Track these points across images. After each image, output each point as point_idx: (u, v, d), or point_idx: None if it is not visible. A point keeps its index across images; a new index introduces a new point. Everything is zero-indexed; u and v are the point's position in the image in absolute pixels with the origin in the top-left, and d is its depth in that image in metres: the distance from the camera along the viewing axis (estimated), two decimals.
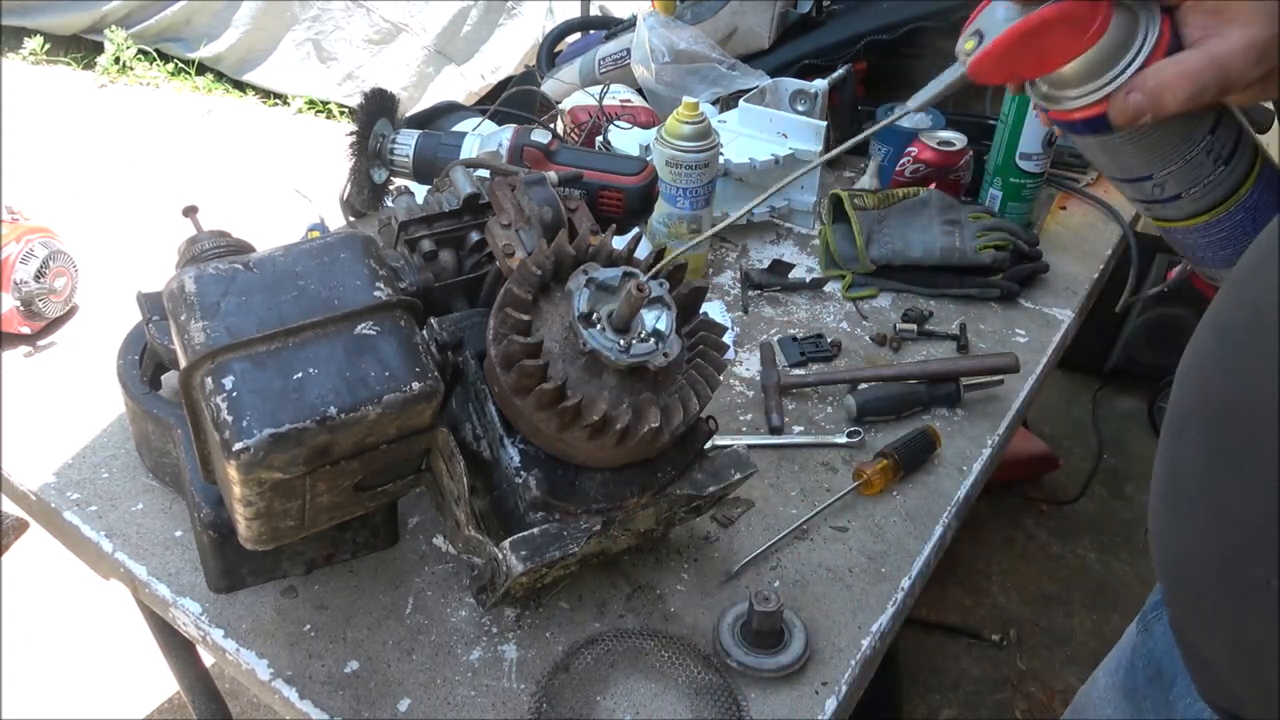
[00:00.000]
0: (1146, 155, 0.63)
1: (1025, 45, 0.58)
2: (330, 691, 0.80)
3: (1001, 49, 0.58)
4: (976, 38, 0.59)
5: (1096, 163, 0.67)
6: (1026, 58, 0.59)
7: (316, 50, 3.71)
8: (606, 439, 0.74)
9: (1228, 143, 0.62)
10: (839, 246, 1.35)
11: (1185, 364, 0.56)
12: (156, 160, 3.34)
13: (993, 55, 0.59)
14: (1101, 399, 2.65)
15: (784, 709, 0.81)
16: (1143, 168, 0.64)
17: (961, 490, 1.03)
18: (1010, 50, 0.58)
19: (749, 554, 0.93)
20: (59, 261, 1.30)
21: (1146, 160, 0.63)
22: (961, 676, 1.98)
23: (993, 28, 0.58)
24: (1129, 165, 0.65)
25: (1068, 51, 0.59)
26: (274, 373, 0.67)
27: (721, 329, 0.84)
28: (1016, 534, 2.30)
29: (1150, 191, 0.65)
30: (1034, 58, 0.59)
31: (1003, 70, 0.60)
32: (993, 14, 0.59)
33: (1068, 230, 1.49)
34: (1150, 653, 0.76)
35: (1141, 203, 0.67)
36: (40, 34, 3.94)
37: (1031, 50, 0.59)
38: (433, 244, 0.90)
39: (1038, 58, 0.59)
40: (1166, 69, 0.58)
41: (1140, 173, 0.64)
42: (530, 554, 0.73)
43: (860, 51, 1.61)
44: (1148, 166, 0.64)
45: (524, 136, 1.14)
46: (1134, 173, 0.65)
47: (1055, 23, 0.57)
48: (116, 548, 0.92)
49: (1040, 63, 0.60)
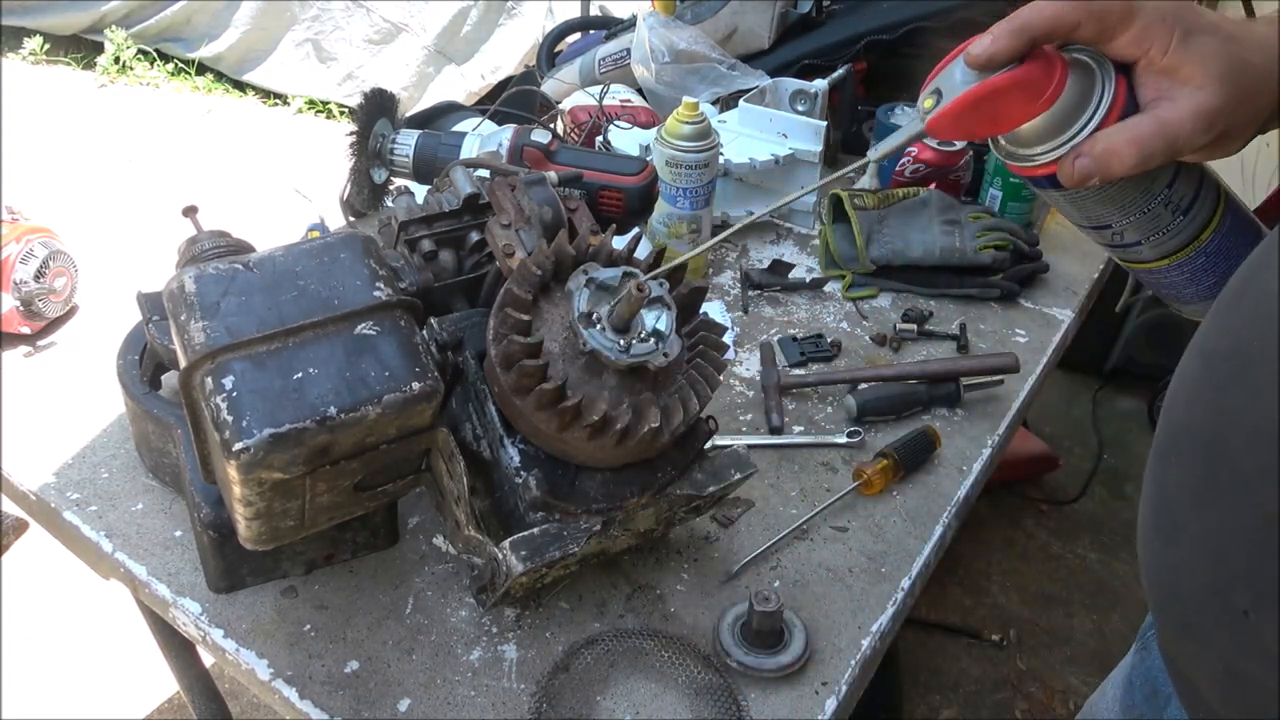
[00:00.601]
0: (1105, 207, 0.65)
1: (980, 109, 0.60)
2: (330, 691, 0.80)
3: (957, 111, 0.60)
4: (935, 96, 0.61)
5: (1062, 211, 0.69)
6: (981, 120, 0.61)
7: (316, 50, 3.71)
8: (606, 439, 0.74)
9: (1186, 194, 0.64)
10: (839, 246, 1.35)
11: (1172, 389, 0.56)
12: (156, 160, 3.34)
13: (949, 116, 0.60)
14: (1101, 399, 2.65)
15: (784, 709, 0.81)
16: (1104, 218, 0.66)
17: (961, 490, 1.03)
18: (966, 112, 0.60)
19: (749, 554, 0.93)
20: (59, 261, 1.30)
21: (1106, 211, 0.65)
22: (961, 676, 1.98)
23: (951, 89, 0.60)
24: (1090, 215, 0.67)
25: (1022, 115, 0.60)
26: (274, 373, 0.67)
27: (721, 329, 0.84)
28: (1016, 534, 2.30)
29: (1111, 238, 0.67)
30: (989, 120, 0.61)
31: (959, 130, 0.61)
32: (951, 75, 0.60)
33: (1068, 230, 1.49)
34: (1148, 671, 0.76)
35: (1105, 246, 0.69)
36: (40, 34, 3.94)
37: (986, 114, 0.60)
38: (433, 244, 0.90)
39: (992, 120, 0.61)
40: (1116, 135, 0.58)
41: (1101, 222, 0.66)
42: (530, 554, 0.73)
43: (860, 51, 1.61)
44: (1107, 217, 0.66)
45: (524, 136, 1.14)
46: (1096, 222, 0.67)
47: (1011, 88, 0.59)
48: (116, 548, 0.92)
49: (994, 125, 0.62)
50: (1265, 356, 0.47)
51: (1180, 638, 0.57)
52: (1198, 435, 0.53)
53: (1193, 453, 0.53)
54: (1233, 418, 0.50)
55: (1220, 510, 0.51)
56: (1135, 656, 0.79)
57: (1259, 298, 0.50)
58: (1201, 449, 0.53)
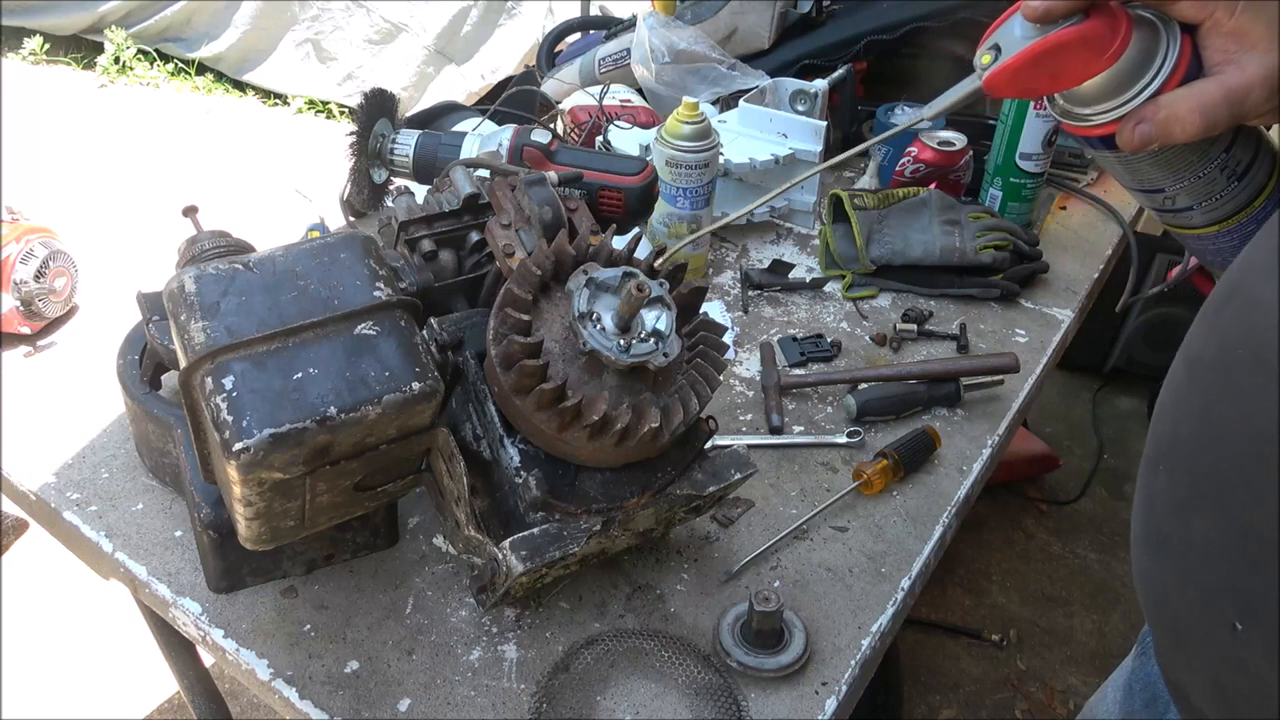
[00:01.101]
0: (1160, 170, 0.63)
1: (1041, 64, 0.58)
2: (330, 691, 0.80)
3: (1017, 66, 0.58)
4: (994, 52, 0.59)
5: (1112, 172, 0.67)
6: (1041, 76, 0.59)
7: (316, 50, 3.71)
8: (606, 439, 0.74)
9: (1243, 159, 0.62)
10: (839, 246, 1.35)
11: (1160, 397, 0.56)
12: (156, 160, 3.34)
13: (1008, 71, 0.59)
14: (1101, 399, 2.65)
15: (784, 709, 0.81)
16: (1156, 181, 0.64)
17: (961, 490, 1.03)
18: (1026, 68, 0.58)
19: (749, 554, 0.93)
20: (59, 261, 1.30)
21: (1160, 175, 0.64)
22: (961, 676, 1.98)
23: (1010, 44, 0.58)
24: (1143, 178, 0.65)
25: (1083, 72, 0.59)
26: (274, 373, 0.67)
27: (721, 329, 0.84)
28: (1016, 534, 2.30)
29: (1162, 203, 0.66)
30: (1049, 77, 0.59)
31: (1017, 86, 0.60)
32: (1010, 30, 0.59)
33: (1068, 230, 1.49)
34: (1147, 677, 0.76)
35: (1154, 210, 0.68)
36: (40, 34, 3.94)
37: (1047, 69, 0.58)
38: (433, 244, 0.90)
39: (1052, 77, 0.59)
40: (1179, 101, 0.57)
41: (1153, 185, 0.65)
42: (530, 554, 0.73)
43: (860, 51, 1.61)
44: (1161, 180, 0.64)
45: (524, 136, 1.14)
46: (1147, 185, 0.65)
47: (1074, 44, 0.57)
48: (116, 548, 0.92)
49: (1054, 82, 0.60)
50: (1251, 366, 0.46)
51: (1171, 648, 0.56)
52: (1183, 446, 0.52)
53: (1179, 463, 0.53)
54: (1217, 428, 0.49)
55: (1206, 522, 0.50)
56: (1135, 661, 0.79)
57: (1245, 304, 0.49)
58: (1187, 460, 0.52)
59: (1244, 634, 0.47)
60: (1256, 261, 0.50)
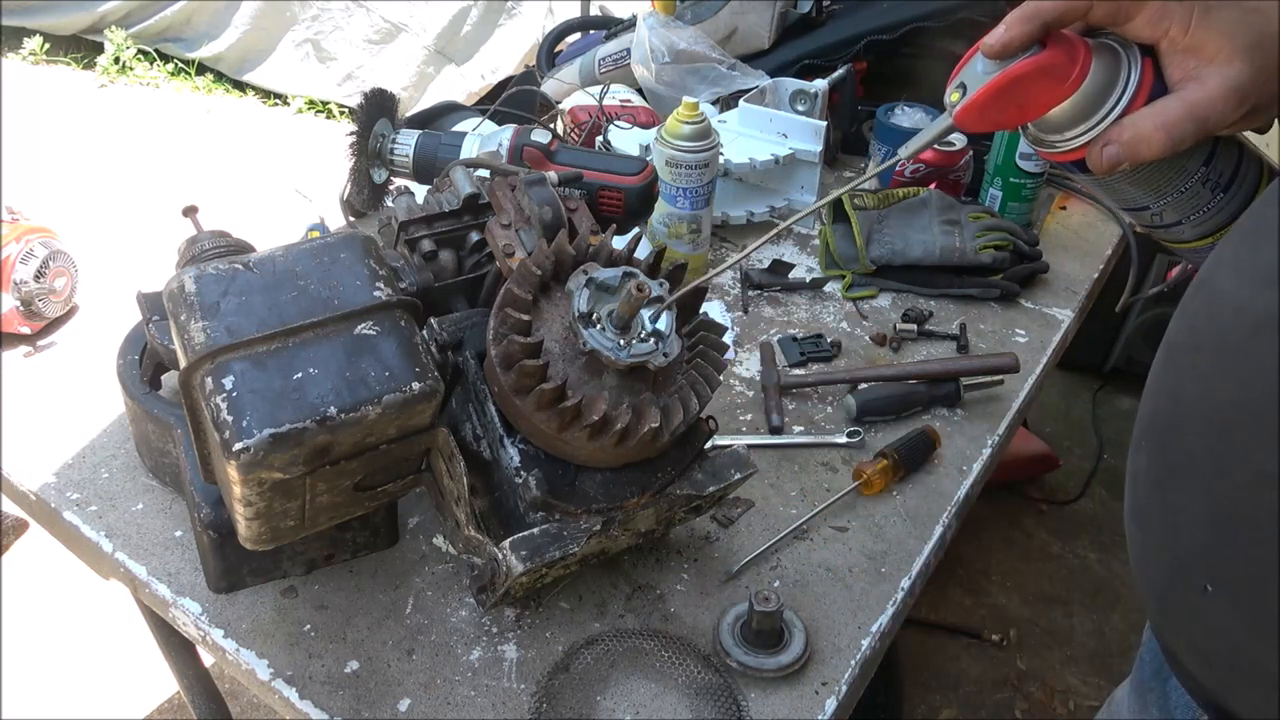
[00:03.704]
0: (1140, 189, 0.65)
1: (1005, 96, 0.60)
2: (330, 691, 0.80)
3: (983, 101, 0.60)
4: (961, 89, 0.61)
5: (1097, 194, 0.68)
6: (1008, 108, 0.61)
7: (316, 50, 3.71)
8: (606, 439, 0.74)
9: (1225, 170, 0.63)
10: (839, 246, 1.35)
11: (1147, 381, 0.59)
12: (156, 160, 3.34)
13: (975, 107, 0.61)
14: (1101, 399, 2.65)
15: (784, 709, 0.81)
16: (1139, 200, 0.66)
17: (961, 490, 1.03)
18: (991, 102, 0.60)
19: (749, 554, 0.93)
20: (59, 261, 1.30)
21: (1141, 193, 0.65)
22: (961, 676, 1.98)
23: (974, 80, 0.60)
24: (1126, 198, 0.66)
25: (1048, 100, 0.60)
26: (274, 373, 0.67)
27: (721, 329, 0.84)
28: (1016, 534, 2.30)
29: (1150, 219, 0.67)
30: (1016, 108, 0.61)
31: (986, 120, 0.62)
32: (973, 68, 0.61)
33: (1068, 230, 1.49)
34: (1154, 648, 0.78)
35: (1146, 228, 0.69)
36: (40, 34, 3.94)
37: (1013, 101, 0.60)
38: (433, 244, 0.90)
39: (1019, 108, 0.61)
40: (1143, 120, 0.58)
41: (1138, 204, 0.66)
42: (530, 554, 0.73)
43: (860, 51, 1.61)
44: (1144, 199, 0.65)
45: (524, 136, 1.14)
46: (1132, 204, 0.66)
47: (1034, 74, 0.59)
48: (116, 548, 0.92)
49: (1022, 112, 0.62)
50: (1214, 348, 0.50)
51: (1158, 615, 0.60)
52: (1159, 424, 0.56)
53: (1155, 441, 0.56)
54: (1186, 406, 0.53)
55: (1179, 494, 0.53)
56: (1146, 634, 0.82)
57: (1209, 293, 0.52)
58: (1162, 437, 0.56)
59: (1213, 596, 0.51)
60: (1223, 255, 0.54)
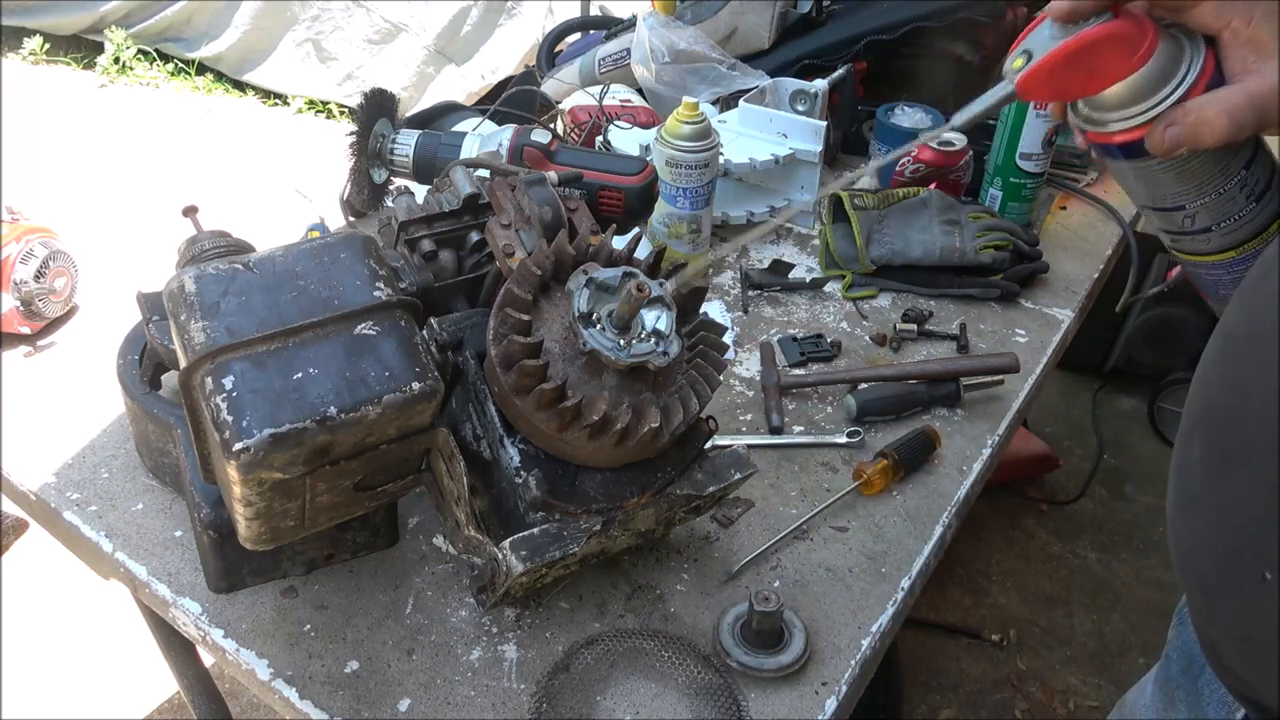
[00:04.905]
0: (1182, 184, 0.64)
1: (1074, 63, 0.59)
2: (330, 691, 0.80)
3: (1051, 66, 0.59)
4: (1025, 56, 0.60)
5: (1130, 189, 0.68)
6: (1075, 76, 0.60)
7: (316, 50, 3.71)
8: (606, 439, 0.74)
9: (1261, 179, 0.63)
10: (839, 246, 1.35)
11: (1196, 374, 0.59)
12: (156, 160, 3.34)
13: (1043, 71, 0.59)
14: (1101, 399, 2.65)
15: (784, 709, 0.81)
16: (1177, 197, 0.65)
17: (961, 490, 1.03)
18: (1059, 68, 0.59)
19: (749, 554, 0.93)
20: (59, 261, 1.30)
21: (1182, 189, 0.64)
22: (961, 676, 1.98)
23: (1042, 46, 0.59)
24: (1163, 194, 0.65)
25: (1115, 72, 0.59)
26: (274, 373, 0.67)
27: (721, 329, 0.84)
28: (1016, 534, 2.30)
29: (1181, 223, 0.66)
30: (1082, 76, 0.60)
31: (1051, 87, 0.61)
32: (1040, 34, 0.60)
33: (1068, 230, 1.49)
34: (1184, 644, 0.79)
35: (1170, 234, 0.68)
36: (40, 34, 3.94)
37: (1080, 69, 0.59)
38: (433, 244, 0.90)
39: (1086, 76, 0.60)
40: (1207, 105, 0.58)
41: (1174, 202, 0.65)
42: (530, 554, 0.73)
43: (860, 51, 1.61)
44: (1182, 196, 0.64)
45: (524, 136, 1.14)
46: (1167, 202, 0.65)
47: (1104, 42, 0.58)
48: (116, 548, 0.92)
49: (1088, 82, 0.61)
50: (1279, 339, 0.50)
51: (1203, 606, 0.60)
52: (1216, 413, 0.56)
53: (1213, 430, 0.57)
54: (1248, 395, 0.53)
55: (1236, 483, 0.54)
56: (1173, 632, 0.83)
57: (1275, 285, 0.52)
58: (1219, 425, 0.56)
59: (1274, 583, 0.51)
60: None
